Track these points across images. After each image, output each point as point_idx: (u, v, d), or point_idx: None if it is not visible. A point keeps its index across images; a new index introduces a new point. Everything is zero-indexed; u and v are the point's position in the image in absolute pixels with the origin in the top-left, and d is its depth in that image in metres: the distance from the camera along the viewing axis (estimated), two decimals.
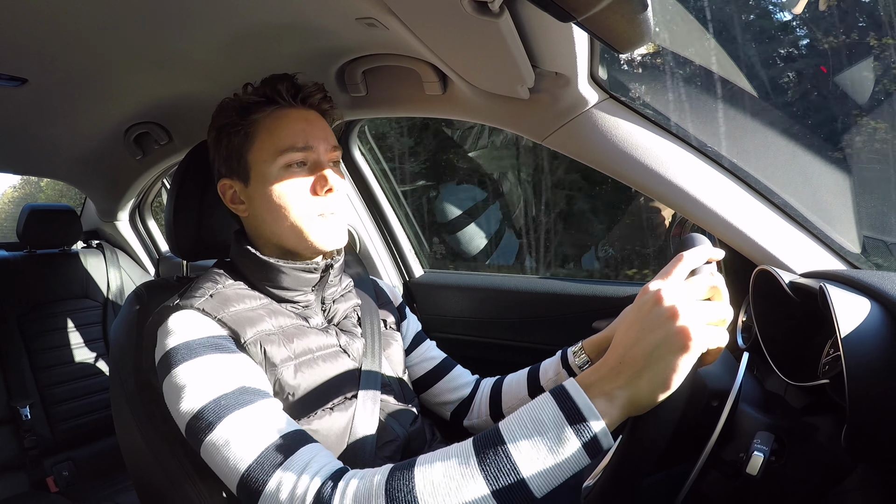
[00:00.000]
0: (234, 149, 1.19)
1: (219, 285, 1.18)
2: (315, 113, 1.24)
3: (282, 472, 0.88)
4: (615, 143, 1.25)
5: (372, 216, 2.21)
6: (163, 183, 2.91)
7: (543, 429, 0.76)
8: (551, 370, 1.37)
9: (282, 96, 1.19)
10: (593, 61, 1.13)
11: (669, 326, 0.72)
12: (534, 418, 0.77)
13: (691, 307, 0.73)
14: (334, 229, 1.21)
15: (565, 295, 1.83)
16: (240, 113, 1.18)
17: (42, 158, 2.33)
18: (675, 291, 0.75)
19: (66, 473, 2.50)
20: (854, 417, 0.80)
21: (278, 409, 1.01)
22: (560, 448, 0.74)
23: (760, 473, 0.85)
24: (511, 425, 0.79)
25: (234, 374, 1.01)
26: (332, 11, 1.15)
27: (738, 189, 1.25)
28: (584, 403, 0.75)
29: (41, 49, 1.25)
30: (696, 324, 0.71)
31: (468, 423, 1.47)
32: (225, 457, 0.92)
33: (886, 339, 0.82)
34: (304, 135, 1.18)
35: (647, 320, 0.75)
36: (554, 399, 0.78)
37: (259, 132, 1.18)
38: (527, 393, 1.39)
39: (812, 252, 1.23)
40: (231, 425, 0.93)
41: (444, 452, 0.82)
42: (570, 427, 0.75)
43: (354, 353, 1.26)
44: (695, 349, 0.71)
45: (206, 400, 0.96)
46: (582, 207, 6.38)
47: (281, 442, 0.92)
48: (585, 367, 1.29)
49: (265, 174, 1.16)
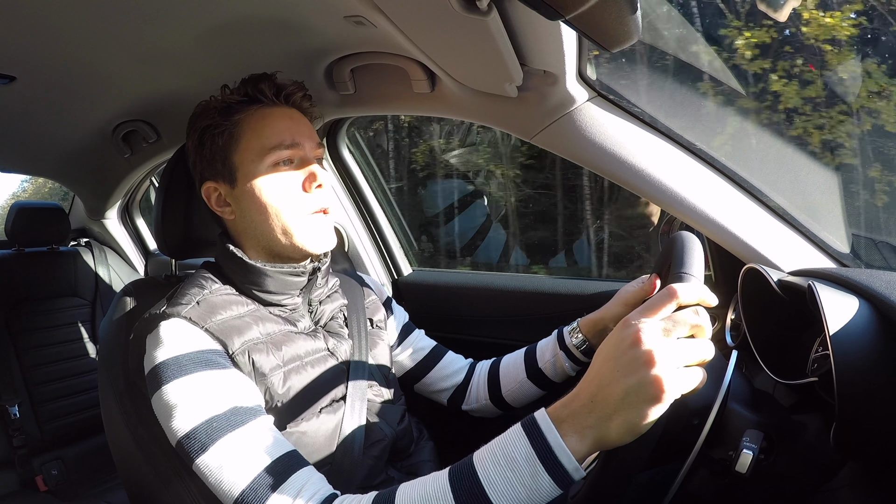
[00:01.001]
0: (219, 150, 1.18)
1: (205, 291, 1.16)
2: (297, 111, 1.25)
3: (275, 499, 0.89)
4: (604, 142, 1.25)
5: (360, 214, 2.20)
6: (151, 181, 2.90)
7: (517, 466, 0.77)
8: (548, 352, 1.38)
9: (265, 95, 1.20)
10: (581, 59, 1.13)
11: (644, 374, 0.71)
12: (507, 455, 0.78)
13: (668, 353, 0.72)
14: (324, 231, 1.21)
15: (554, 293, 1.83)
16: (222, 114, 1.18)
17: (30, 156, 2.31)
18: (656, 334, 0.74)
19: (56, 472, 2.49)
20: (843, 415, 0.80)
21: (270, 428, 1.01)
22: (533, 484, 0.76)
23: (750, 472, 0.85)
24: (485, 461, 0.80)
25: (225, 393, 1.00)
26: (320, 9, 1.15)
27: (727, 187, 1.26)
28: (556, 441, 0.76)
29: (29, 47, 1.24)
30: (670, 373, 0.71)
31: (467, 408, 1.49)
32: (218, 479, 0.92)
33: (874, 337, 0.82)
34: (291, 132, 1.18)
35: (622, 360, 0.74)
36: (527, 436, 0.78)
37: (244, 132, 1.17)
38: (525, 376, 1.40)
39: (800, 250, 1.23)
40: (223, 449, 0.94)
41: (422, 486, 0.84)
42: (541, 464, 0.76)
43: (342, 356, 1.26)
44: (667, 400, 0.71)
45: (197, 421, 0.96)
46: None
47: (273, 467, 0.93)
48: (582, 347, 1.32)
49: (253, 174, 1.16)
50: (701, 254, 0.90)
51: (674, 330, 0.74)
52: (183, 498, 1.17)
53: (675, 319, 0.75)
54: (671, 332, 0.74)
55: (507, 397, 1.43)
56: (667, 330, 0.74)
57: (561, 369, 1.36)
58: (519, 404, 1.43)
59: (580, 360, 1.33)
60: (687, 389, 0.72)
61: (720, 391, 0.88)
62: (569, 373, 1.35)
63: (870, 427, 0.81)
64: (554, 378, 1.37)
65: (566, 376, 1.36)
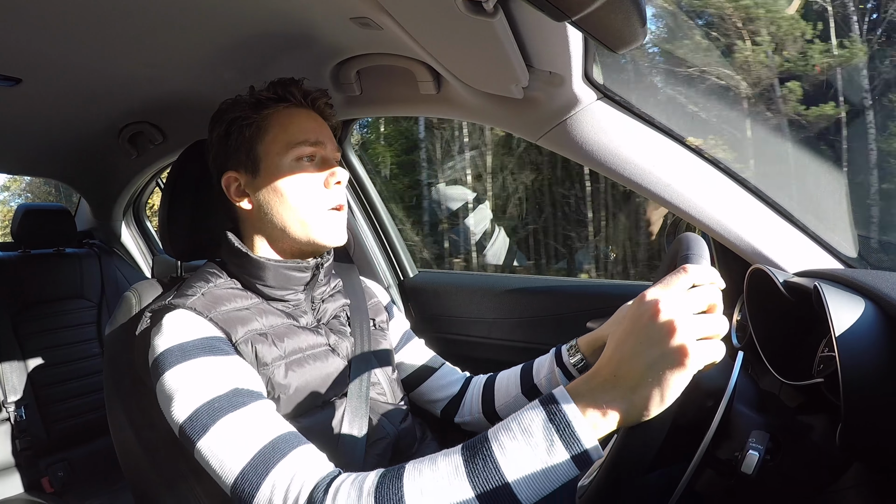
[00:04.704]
0: (245, 141, 1.21)
1: (210, 284, 1.19)
2: (320, 116, 1.29)
3: (275, 475, 0.88)
4: (609, 143, 1.25)
5: (366, 216, 2.20)
6: (157, 183, 2.90)
7: (532, 440, 0.75)
8: (545, 368, 1.38)
9: (294, 96, 1.24)
10: (587, 61, 1.13)
11: (667, 343, 0.71)
12: (523, 428, 0.77)
13: (689, 323, 0.72)
14: (339, 227, 1.25)
15: (560, 294, 1.83)
16: (253, 108, 1.22)
17: (36, 158, 2.32)
18: (674, 304, 0.73)
19: (62, 474, 2.48)
20: (848, 416, 0.80)
21: (271, 410, 1.01)
22: (549, 459, 0.74)
23: (755, 472, 0.85)
24: (500, 434, 0.78)
25: (227, 377, 1.01)
26: (326, 11, 1.16)
27: (733, 188, 1.25)
28: (575, 415, 0.75)
29: (35, 49, 1.25)
30: (693, 341, 0.71)
31: (459, 420, 1.48)
32: (219, 460, 0.92)
33: (881, 339, 0.82)
34: (315, 132, 1.24)
35: (643, 334, 0.74)
36: (543, 409, 0.77)
37: (272, 126, 1.22)
38: (520, 391, 1.40)
39: (806, 251, 1.23)
40: (224, 428, 0.94)
41: (432, 459, 0.82)
42: (559, 439, 0.74)
43: (343, 353, 1.27)
44: (691, 367, 0.70)
45: (199, 403, 0.96)
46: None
47: (274, 445, 0.92)
48: (580, 366, 1.31)
49: (277, 166, 1.20)
50: (707, 252, 0.90)
51: (691, 305, 0.74)
52: (188, 499, 1.17)
53: (690, 295, 0.75)
54: (688, 306, 0.74)
55: (500, 412, 1.42)
56: (684, 302, 0.74)
57: (556, 387, 1.35)
58: None
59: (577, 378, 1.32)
60: (709, 360, 0.72)
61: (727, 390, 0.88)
62: None
63: (876, 428, 0.80)
64: None
65: None
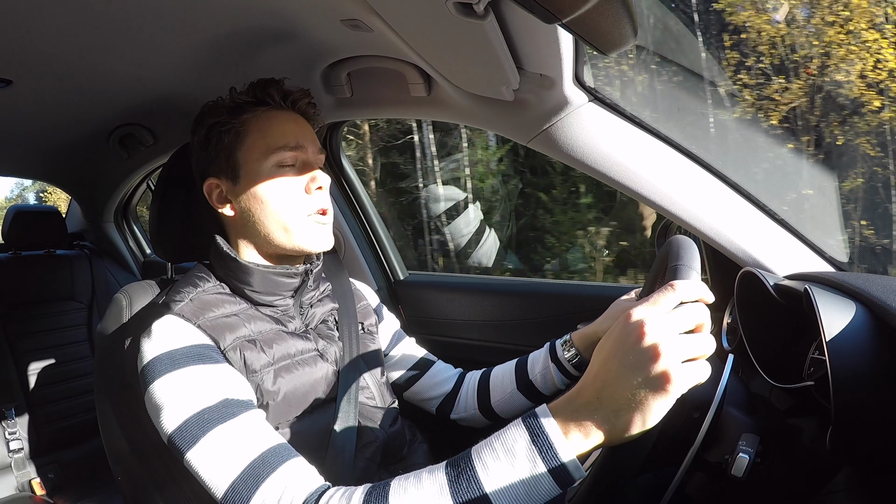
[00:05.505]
0: (224, 147, 1.19)
1: (198, 289, 1.18)
2: (302, 117, 1.26)
3: (264, 490, 0.89)
4: (600, 146, 1.25)
5: (356, 218, 2.19)
6: (148, 185, 2.89)
7: (515, 460, 0.76)
8: (540, 363, 1.38)
9: (273, 98, 1.21)
10: (578, 63, 1.13)
11: (650, 368, 0.70)
12: (506, 448, 0.77)
13: (673, 346, 0.71)
14: (323, 231, 1.23)
15: (549, 296, 1.83)
16: (230, 112, 1.19)
17: (27, 160, 2.32)
18: (659, 325, 0.72)
19: (53, 476, 2.47)
20: (839, 419, 0.80)
21: (261, 420, 1.01)
22: (531, 480, 0.75)
23: (746, 475, 0.86)
24: (483, 453, 0.79)
25: (216, 386, 1.01)
26: (316, 13, 1.15)
27: (724, 191, 1.25)
28: (557, 436, 0.75)
29: (26, 50, 1.24)
30: (677, 366, 0.70)
31: (455, 417, 1.49)
32: (209, 472, 0.92)
33: (871, 342, 0.82)
34: (295, 135, 1.20)
35: (627, 356, 0.73)
36: (526, 430, 0.77)
37: (250, 131, 1.19)
38: (515, 387, 1.40)
39: (797, 254, 1.23)
40: (214, 440, 0.94)
41: (417, 476, 0.83)
42: (541, 460, 0.74)
43: (332, 358, 1.27)
44: (674, 393, 0.70)
45: (188, 413, 0.96)
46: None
47: (264, 458, 0.93)
48: (574, 361, 1.32)
49: (256, 172, 1.17)
50: (698, 255, 0.90)
51: (677, 325, 0.73)
52: (178, 501, 1.17)
53: (677, 314, 0.74)
54: (674, 327, 0.73)
55: (496, 408, 1.43)
56: (670, 324, 0.73)
57: (551, 382, 1.36)
58: (508, 415, 1.43)
59: (571, 373, 1.33)
60: (693, 383, 0.71)
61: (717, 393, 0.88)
62: (559, 386, 1.35)
63: (866, 431, 0.81)
64: (544, 391, 1.37)
65: (556, 389, 1.36)
